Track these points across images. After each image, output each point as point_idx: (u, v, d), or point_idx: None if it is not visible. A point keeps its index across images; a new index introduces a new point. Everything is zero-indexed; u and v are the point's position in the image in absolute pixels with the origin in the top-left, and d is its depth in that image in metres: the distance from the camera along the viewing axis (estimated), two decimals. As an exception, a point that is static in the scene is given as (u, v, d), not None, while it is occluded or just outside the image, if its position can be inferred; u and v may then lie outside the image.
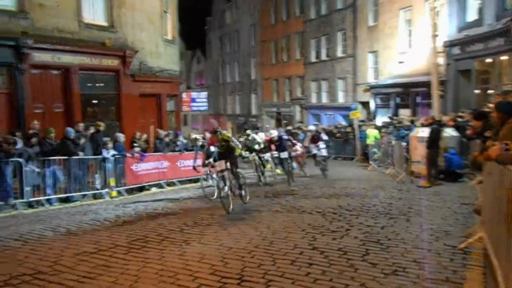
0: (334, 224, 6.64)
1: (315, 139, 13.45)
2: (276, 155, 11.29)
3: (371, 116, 23.23)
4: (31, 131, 9.90)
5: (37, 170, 9.18)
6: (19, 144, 9.17)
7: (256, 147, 11.59)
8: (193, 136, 13.14)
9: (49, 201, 9.34)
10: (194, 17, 40.92)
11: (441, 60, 16.83)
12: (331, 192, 9.91)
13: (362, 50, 25.57)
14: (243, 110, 41.04)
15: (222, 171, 7.89)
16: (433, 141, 10.69)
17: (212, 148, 8.68)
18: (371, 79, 24.87)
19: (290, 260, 4.90)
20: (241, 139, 12.49)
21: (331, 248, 5.35)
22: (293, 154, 12.61)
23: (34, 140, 9.50)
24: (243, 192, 8.28)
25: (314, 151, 13.33)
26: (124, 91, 13.74)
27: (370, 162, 15.66)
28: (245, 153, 11.69)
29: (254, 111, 39.42)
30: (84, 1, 12.72)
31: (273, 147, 11.50)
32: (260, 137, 12.38)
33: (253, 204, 8.56)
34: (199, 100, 36.51)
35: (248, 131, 12.72)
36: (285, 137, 12.17)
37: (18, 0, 11.17)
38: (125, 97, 13.75)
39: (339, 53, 27.96)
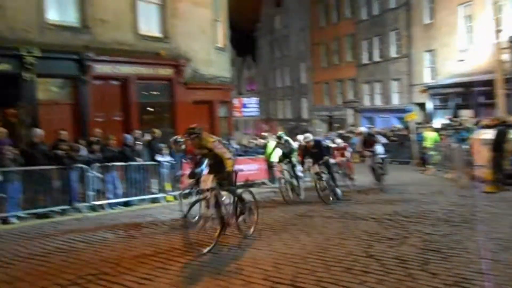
0: (391, 231, 6.40)
1: (368, 142, 11.19)
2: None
3: (428, 118, 22.23)
4: (93, 139, 10.50)
5: (99, 175, 9.71)
6: (83, 151, 9.76)
7: (295, 155, 9.98)
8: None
9: (110, 204, 9.83)
10: (244, 24, 41.54)
11: (505, 56, 15.77)
12: (386, 197, 9.57)
13: (417, 49, 24.60)
14: (294, 115, 40.91)
15: (207, 190, 5.77)
16: (499, 143, 10.00)
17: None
18: (427, 80, 23.84)
19: (344, 268, 4.79)
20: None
21: (388, 256, 5.15)
22: (335, 160, 10.90)
23: (96, 147, 10.06)
24: (242, 220, 6.35)
25: (369, 157, 11.09)
26: (178, 98, 14.20)
27: (428, 166, 14.96)
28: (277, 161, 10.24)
29: (305, 115, 39.17)
30: (140, 15, 13.33)
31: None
32: (300, 140, 10.67)
33: (305, 210, 8.46)
34: (250, 105, 36.92)
35: (280, 133, 10.74)
36: (325, 143, 10.40)
37: (81, 16, 11.96)
38: (179, 105, 14.20)
39: (393, 53, 27.11)
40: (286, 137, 10.29)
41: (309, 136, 9.61)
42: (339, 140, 12.52)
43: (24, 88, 10.62)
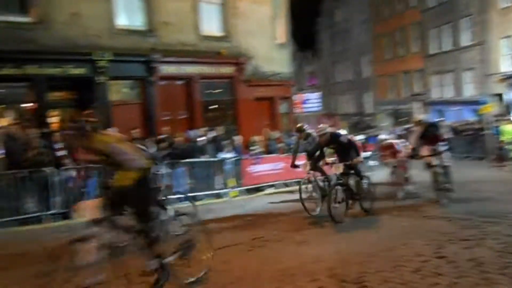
0: (464, 231, 5.99)
1: (429, 136, 8.11)
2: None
3: (506, 110, 20.53)
4: (161, 136, 11.01)
5: (168, 171, 10.15)
6: (152, 149, 10.26)
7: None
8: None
9: (177, 199, 10.22)
10: (304, 19, 41.09)
11: None
12: (459, 196, 8.95)
13: (493, 36, 22.79)
14: (357, 109, 39.82)
15: (94, 222, 3.80)
16: None
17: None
18: (505, 68, 22.02)
19: (413, 268, 4.57)
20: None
21: (461, 257, 4.83)
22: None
23: (164, 144, 10.53)
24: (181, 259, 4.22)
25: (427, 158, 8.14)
26: (240, 96, 14.42)
27: (506, 162, 13.81)
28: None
29: (368, 110, 37.97)
30: (202, 16, 13.70)
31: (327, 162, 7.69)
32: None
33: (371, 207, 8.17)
34: (311, 101, 36.55)
35: (300, 125, 8.67)
36: (344, 139, 7.52)
37: (147, 20, 12.55)
38: (241, 102, 14.42)
39: (465, 41, 25.33)
40: (309, 131, 8.54)
41: (325, 127, 7.45)
42: (383, 136, 10.13)
43: (97, 90, 11.39)
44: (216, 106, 14.46)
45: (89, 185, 9.08)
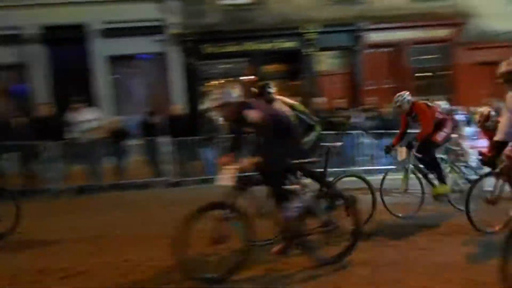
0: None
1: None
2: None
3: None
4: (367, 106, 10.72)
5: (372, 141, 9.83)
6: (357, 118, 10.08)
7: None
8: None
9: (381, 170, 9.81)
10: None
11: None
12: None
13: None
14: None
15: None
16: None
17: None
18: None
19: None
20: None
21: None
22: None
23: (370, 114, 10.22)
24: None
25: None
26: (458, 61, 12.81)
27: None
28: None
29: None
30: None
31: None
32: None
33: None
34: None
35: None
36: (256, 116, 3.58)
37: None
38: (459, 68, 12.80)
39: None
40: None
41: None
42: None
43: (305, 62, 11.94)
44: (428, 73, 13.22)
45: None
